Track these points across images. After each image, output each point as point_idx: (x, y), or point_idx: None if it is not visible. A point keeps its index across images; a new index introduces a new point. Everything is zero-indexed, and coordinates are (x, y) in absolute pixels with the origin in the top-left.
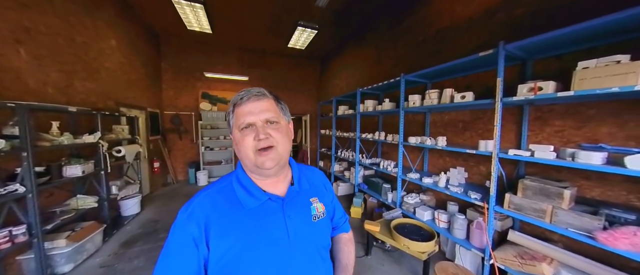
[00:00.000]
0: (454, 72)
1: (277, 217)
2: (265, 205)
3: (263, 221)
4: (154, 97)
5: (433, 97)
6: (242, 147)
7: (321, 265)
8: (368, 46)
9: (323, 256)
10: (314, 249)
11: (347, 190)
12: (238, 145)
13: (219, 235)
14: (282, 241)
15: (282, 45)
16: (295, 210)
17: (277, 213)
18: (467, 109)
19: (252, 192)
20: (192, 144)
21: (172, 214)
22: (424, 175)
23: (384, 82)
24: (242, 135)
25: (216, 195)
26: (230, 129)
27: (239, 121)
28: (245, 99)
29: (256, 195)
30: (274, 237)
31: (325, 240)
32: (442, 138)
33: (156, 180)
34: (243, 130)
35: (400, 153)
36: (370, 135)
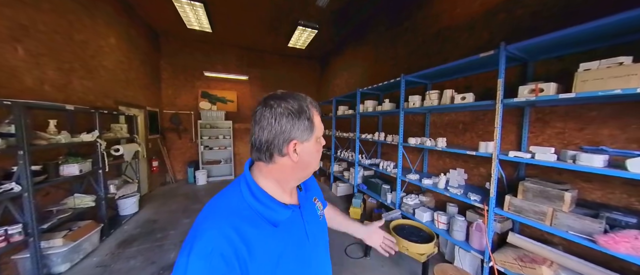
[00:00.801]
0: (454, 72)
1: (300, 225)
2: (291, 218)
3: (291, 233)
4: (153, 96)
5: (433, 98)
6: (319, 155)
7: (327, 255)
8: (368, 46)
9: (327, 248)
10: (323, 243)
11: (346, 190)
12: (312, 155)
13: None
14: (305, 245)
15: (282, 45)
16: (308, 213)
17: (299, 221)
18: (468, 110)
19: (279, 207)
20: (191, 143)
21: (170, 213)
22: (424, 177)
23: (384, 82)
24: (316, 146)
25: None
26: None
27: (320, 132)
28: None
29: (283, 209)
30: (301, 244)
31: (327, 233)
32: (441, 139)
33: (155, 179)
34: (318, 140)
35: (399, 154)
36: (369, 135)
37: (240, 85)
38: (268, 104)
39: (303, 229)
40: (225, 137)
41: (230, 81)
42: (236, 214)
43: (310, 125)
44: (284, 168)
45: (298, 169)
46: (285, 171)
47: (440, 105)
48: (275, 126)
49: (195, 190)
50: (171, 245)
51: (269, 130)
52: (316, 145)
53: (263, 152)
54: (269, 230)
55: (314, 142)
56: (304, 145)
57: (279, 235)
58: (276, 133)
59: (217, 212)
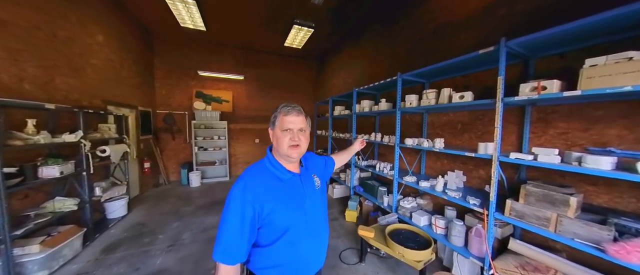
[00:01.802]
0: (452, 71)
1: (299, 186)
2: (292, 179)
3: (292, 188)
4: (145, 96)
5: (430, 97)
6: (282, 141)
7: (324, 217)
8: (365, 45)
9: (324, 212)
10: (321, 207)
11: (343, 192)
12: (278, 139)
13: (266, 198)
14: (303, 200)
15: (278, 44)
16: (306, 181)
17: (298, 183)
18: (466, 110)
19: (283, 171)
20: (186, 144)
21: (160, 216)
22: (421, 179)
23: (380, 81)
24: (283, 135)
25: (257, 173)
26: (273, 126)
27: (283, 125)
28: (291, 111)
29: (286, 172)
30: (299, 197)
31: (325, 203)
32: (439, 140)
33: (147, 181)
34: (284, 131)
35: (396, 155)
36: (366, 136)
37: (236, 85)
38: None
39: (302, 189)
40: (221, 138)
41: (226, 81)
42: (260, 171)
43: (274, 121)
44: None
45: (276, 146)
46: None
47: (437, 105)
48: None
49: (188, 193)
50: (158, 251)
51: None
52: (280, 133)
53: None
54: (277, 182)
55: (278, 131)
56: (274, 131)
57: (283, 186)
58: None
59: (250, 170)
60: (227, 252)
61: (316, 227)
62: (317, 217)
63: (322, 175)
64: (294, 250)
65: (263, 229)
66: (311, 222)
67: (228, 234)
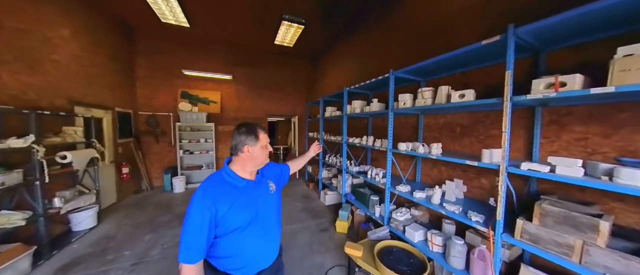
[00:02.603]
0: (451, 67)
1: (253, 192)
2: (246, 186)
3: (245, 193)
4: (125, 96)
5: (426, 97)
6: (262, 155)
7: (276, 218)
8: (358, 42)
9: (277, 213)
10: (273, 208)
11: (335, 199)
12: (258, 153)
13: (222, 202)
14: (256, 204)
15: (268, 42)
16: (261, 187)
17: (252, 189)
18: (466, 111)
19: (239, 179)
20: (170, 148)
21: (133, 228)
22: (416, 188)
23: (371, 79)
24: (263, 150)
25: (214, 182)
26: (253, 142)
27: (263, 142)
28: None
29: (241, 180)
30: (252, 200)
31: (278, 205)
32: (436, 145)
33: (126, 187)
34: (263, 147)
35: (388, 161)
36: (357, 140)
37: (225, 85)
38: (236, 128)
39: (255, 194)
40: (208, 141)
41: (214, 81)
42: (217, 180)
43: (255, 139)
44: (243, 159)
45: (250, 160)
46: (245, 160)
47: (434, 105)
48: (238, 137)
49: (171, 199)
50: (119, 271)
51: (234, 139)
52: (261, 149)
53: (233, 150)
54: (232, 189)
55: (259, 147)
56: (253, 148)
57: (237, 192)
58: (238, 141)
59: (208, 180)
60: (190, 252)
61: (267, 227)
62: (268, 218)
63: (277, 180)
64: (242, 244)
65: (218, 228)
66: (262, 223)
67: (191, 236)
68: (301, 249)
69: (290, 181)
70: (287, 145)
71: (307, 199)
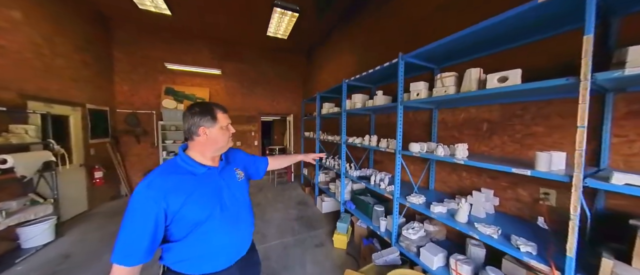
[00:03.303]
0: (477, 48)
1: (216, 179)
2: (207, 173)
3: (206, 181)
4: (99, 92)
5: (448, 83)
6: (223, 137)
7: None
8: (357, 30)
9: (246, 202)
10: (241, 197)
11: (333, 206)
12: (218, 137)
13: (174, 194)
14: (222, 192)
15: (261, 35)
16: (226, 174)
17: (216, 176)
18: (498, 102)
19: (197, 166)
20: (153, 148)
21: (97, 243)
22: (431, 198)
23: (375, 68)
24: (222, 131)
25: (165, 171)
26: (209, 124)
27: (223, 123)
28: (223, 110)
29: (200, 166)
30: (215, 189)
31: (247, 193)
32: (461, 146)
33: (100, 193)
34: (223, 128)
35: (397, 166)
36: (358, 139)
37: (214, 80)
38: (187, 109)
39: (220, 182)
40: None
41: (201, 76)
42: (169, 168)
43: (212, 119)
44: (200, 143)
45: (209, 144)
46: (203, 145)
47: (459, 95)
48: (191, 120)
49: None
50: None
51: (188, 122)
52: (221, 131)
53: (187, 134)
54: (189, 177)
55: (218, 129)
56: (211, 129)
57: (196, 180)
58: (191, 123)
59: (158, 169)
60: (124, 252)
61: (236, 217)
62: (237, 207)
63: (247, 169)
64: (209, 241)
65: (173, 225)
66: (230, 213)
67: (127, 233)
68: (291, 271)
69: (285, 185)
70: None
71: (302, 206)
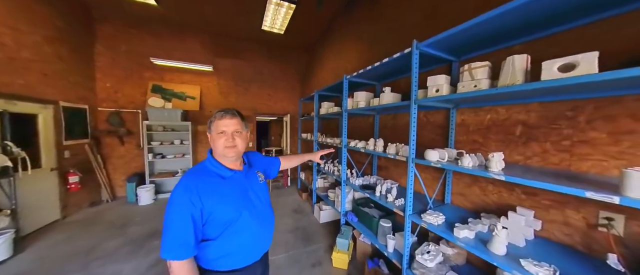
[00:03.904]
0: (508, 34)
1: (243, 182)
2: (234, 176)
3: (234, 184)
4: (77, 88)
5: (479, 75)
6: (217, 143)
7: (268, 205)
8: (360, 23)
9: (269, 203)
10: (264, 198)
11: (332, 216)
12: (214, 142)
13: (208, 195)
14: (248, 194)
15: (255, 29)
16: (250, 177)
17: (242, 179)
18: (539, 100)
19: (224, 169)
20: (139, 150)
21: (65, 259)
22: (449, 214)
23: (382, 60)
24: (218, 137)
25: (198, 174)
26: (210, 130)
27: (218, 128)
28: (224, 116)
29: (226, 170)
30: (242, 191)
31: (268, 194)
32: (497, 156)
33: (77, 199)
34: (219, 134)
35: (410, 177)
36: (361, 143)
37: (206, 78)
38: None
39: (246, 183)
40: (184, 143)
41: (192, 73)
42: (201, 172)
43: (210, 126)
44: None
45: (214, 147)
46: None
47: (499, 89)
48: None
49: (131, 214)
50: None
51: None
52: (216, 136)
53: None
54: (218, 180)
55: (215, 134)
56: (211, 135)
57: (225, 183)
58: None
59: (190, 172)
60: (177, 249)
61: (262, 214)
62: (262, 206)
63: (266, 172)
64: (240, 238)
65: (207, 224)
66: (257, 211)
67: (175, 231)
68: None
69: (281, 190)
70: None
71: (299, 214)
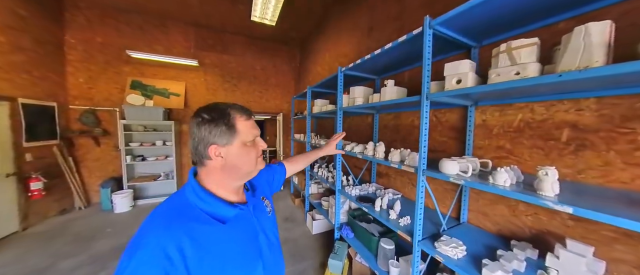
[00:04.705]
0: (551, 5)
1: (251, 223)
2: (239, 215)
3: (241, 229)
4: (43, 83)
5: (524, 58)
6: (250, 158)
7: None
8: (357, 9)
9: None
10: (275, 239)
11: (326, 226)
12: (239, 157)
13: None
14: (259, 241)
15: (245, 21)
16: (258, 211)
17: (249, 217)
18: (596, 95)
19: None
20: (117, 152)
21: None
22: (470, 243)
23: (384, 47)
24: (248, 149)
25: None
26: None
27: (248, 135)
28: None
29: (229, 208)
30: (254, 240)
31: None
32: (550, 173)
33: (40, 208)
34: (249, 144)
35: (419, 193)
36: (359, 147)
37: (191, 73)
38: (194, 115)
39: (255, 225)
40: (166, 143)
41: (176, 67)
42: (182, 213)
43: (228, 130)
44: (215, 170)
45: (227, 171)
46: (217, 173)
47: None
48: (196, 134)
49: (105, 223)
50: None
51: (193, 138)
52: (243, 149)
53: (195, 157)
54: (217, 226)
55: (239, 145)
56: (227, 148)
57: (227, 231)
58: (198, 140)
59: (165, 212)
60: None
61: (275, 267)
62: (274, 255)
63: (269, 193)
64: None
65: None
66: (270, 264)
67: None
68: None
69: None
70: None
71: (290, 223)
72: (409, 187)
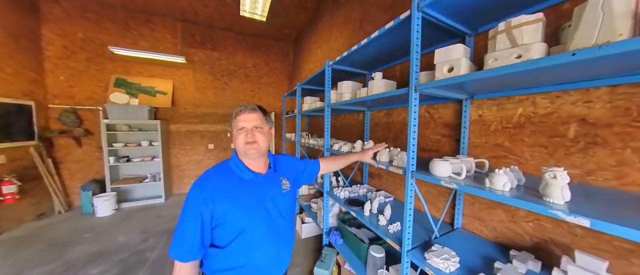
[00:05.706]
0: None
1: (262, 188)
2: (254, 180)
3: (253, 189)
4: (17, 80)
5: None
6: (237, 140)
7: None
8: (349, 2)
9: (289, 216)
10: (285, 211)
11: (316, 230)
12: (235, 139)
13: (222, 197)
14: (264, 201)
15: (234, 16)
16: (271, 183)
17: (261, 184)
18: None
19: (246, 171)
20: (101, 153)
21: None
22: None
23: (370, 36)
24: (238, 134)
25: (217, 173)
26: (231, 126)
27: (238, 124)
28: (244, 110)
29: (248, 172)
30: (260, 198)
31: (291, 205)
32: (559, 175)
33: (15, 213)
34: (239, 131)
35: (407, 198)
36: (347, 146)
37: (179, 71)
38: None
39: (265, 191)
40: (153, 144)
41: (163, 64)
42: (221, 171)
43: (234, 120)
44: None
45: (235, 145)
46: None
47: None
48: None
49: (83, 228)
50: None
51: None
52: (236, 133)
53: None
54: (237, 182)
55: (235, 131)
56: (232, 132)
57: (243, 187)
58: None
59: (211, 170)
60: (180, 249)
61: (277, 230)
62: (280, 220)
63: (295, 178)
64: (250, 252)
65: (217, 229)
66: (274, 224)
67: (182, 232)
68: None
69: None
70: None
71: None
72: (401, 189)
